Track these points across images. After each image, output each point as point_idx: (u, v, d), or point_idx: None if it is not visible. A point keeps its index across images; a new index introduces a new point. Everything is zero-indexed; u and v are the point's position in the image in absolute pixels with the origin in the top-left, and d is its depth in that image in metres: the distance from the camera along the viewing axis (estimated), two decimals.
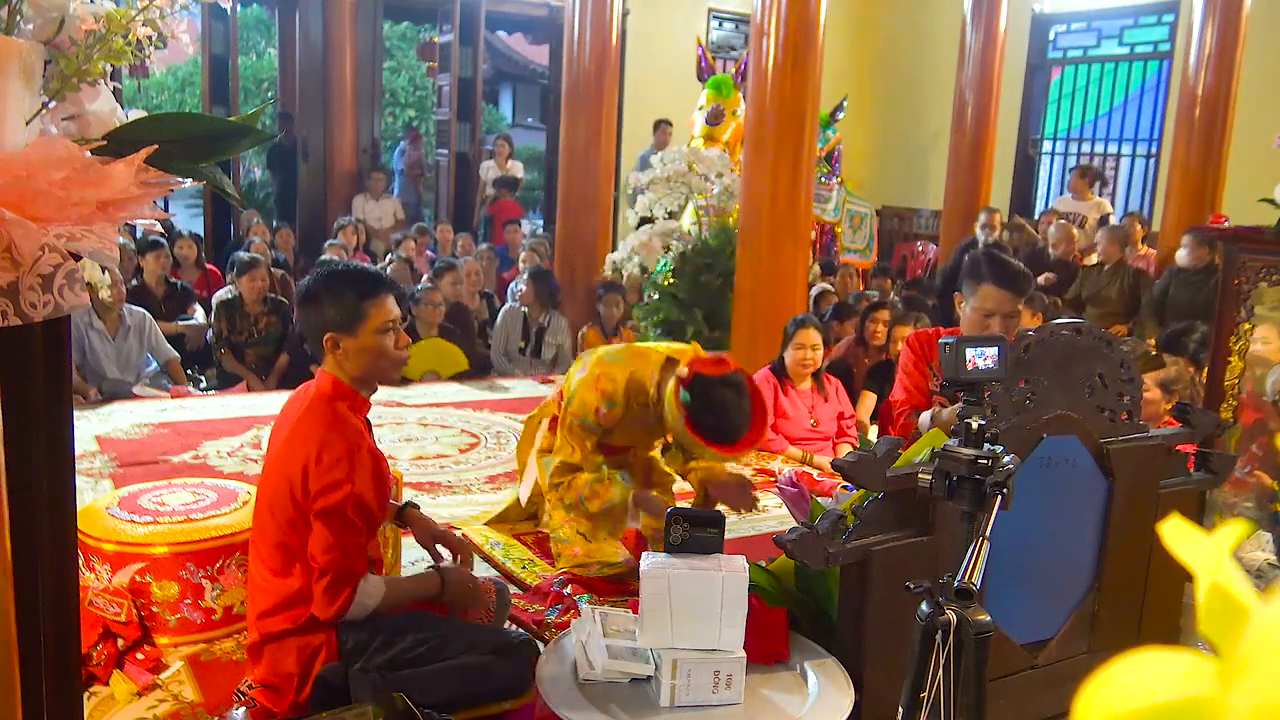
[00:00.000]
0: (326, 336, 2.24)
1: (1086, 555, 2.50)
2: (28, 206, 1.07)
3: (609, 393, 2.95)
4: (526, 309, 6.39)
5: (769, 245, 5.19)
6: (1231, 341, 3.26)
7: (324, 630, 2.26)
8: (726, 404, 2.72)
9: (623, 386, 2.95)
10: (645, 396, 2.95)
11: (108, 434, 4.65)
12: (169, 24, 1.27)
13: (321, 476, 2.15)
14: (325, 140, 9.62)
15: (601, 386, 2.95)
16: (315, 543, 2.17)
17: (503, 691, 2.36)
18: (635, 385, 2.95)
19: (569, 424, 3.01)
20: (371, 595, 2.22)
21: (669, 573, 2.04)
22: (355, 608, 2.20)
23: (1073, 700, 0.39)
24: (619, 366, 2.98)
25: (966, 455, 1.70)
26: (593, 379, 2.97)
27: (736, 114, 6.87)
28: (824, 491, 3.37)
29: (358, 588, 2.19)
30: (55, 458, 1.25)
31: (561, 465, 3.05)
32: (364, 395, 2.34)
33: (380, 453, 2.27)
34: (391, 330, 2.25)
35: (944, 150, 8.85)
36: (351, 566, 2.18)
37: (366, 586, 2.21)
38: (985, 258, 2.93)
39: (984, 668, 1.67)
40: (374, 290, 2.24)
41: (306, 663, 2.26)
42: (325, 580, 2.17)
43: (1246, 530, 0.85)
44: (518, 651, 2.36)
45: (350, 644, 2.28)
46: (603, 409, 2.95)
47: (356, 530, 2.17)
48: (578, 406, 2.98)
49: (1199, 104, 6.89)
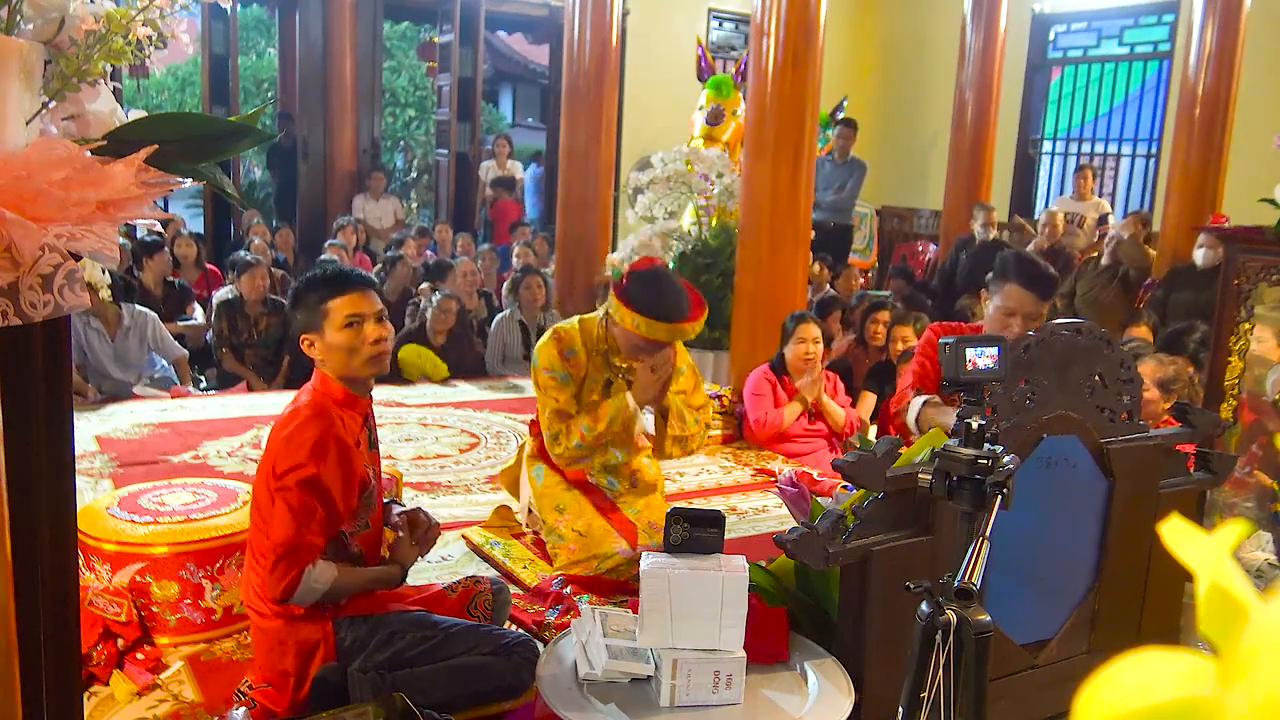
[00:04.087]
0: (302, 340, 2.31)
1: (1086, 555, 2.50)
2: (28, 206, 1.07)
3: (567, 341, 3.19)
4: (523, 317, 6.39)
5: (769, 245, 5.18)
6: (1231, 341, 3.26)
7: (320, 627, 2.26)
8: (657, 278, 3.02)
9: (578, 336, 3.20)
10: (597, 343, 3.19)
11: (108, 434, 4.64)
12: (169, 24, 1.27)
13: (286, 459, 2.19)
14: (325, 140, 9.62)
15: (558, 335, 3.20)
16: (273, 522, 2.20)
17: (501, 691, 2.36)
18: (587, 333, 3.21)
19: (542, 383, 3.18)
20: (320, 580, 2.20)
21: (669, 573, 2.04)
22: (302, 590, 2.19)
23: (1073, 700, 0.39)
24: (571, 325, 3.26)
25: (966, 455, 1.70)
26: (550, 338, 3.21)
27: (736, 114, 6.87)
28: (824, 491, 3.37)
29: (305, 571, 2.18)
30: (55, 458, 1.25)
31: (552, 415, 3.17)
32: (357, 393, 2.34)
33: (351, 447, 2.26)
34: (357, 323, 2.27)
35: (944, 150, 8.85)
36: (302, 548, 2.18)
37: (315, 572, 2.19)
38: (1014, 258, 3.00)
39: (984, 668, 1.66)
40: (335, 287, 2.27)
41: (304, 661, 2.27)
42: (273, 559, 2.18)
43: (1246, 530, 0.85)
44: (516, 651, 2.37)
45: (349, 641, 2.28)
46: (565, 354, 3.17)
47: (310, 512, 2.17)
48: (544, 360, 3.18)
49: (1199, 104, 6.89)
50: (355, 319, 2.27)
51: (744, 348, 5.32)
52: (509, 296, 6.63)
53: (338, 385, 2.30)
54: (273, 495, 2.20)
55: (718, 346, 5.75)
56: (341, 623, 2.30)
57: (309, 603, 2.23)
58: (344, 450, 2.23)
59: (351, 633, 2.29)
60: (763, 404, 4.76)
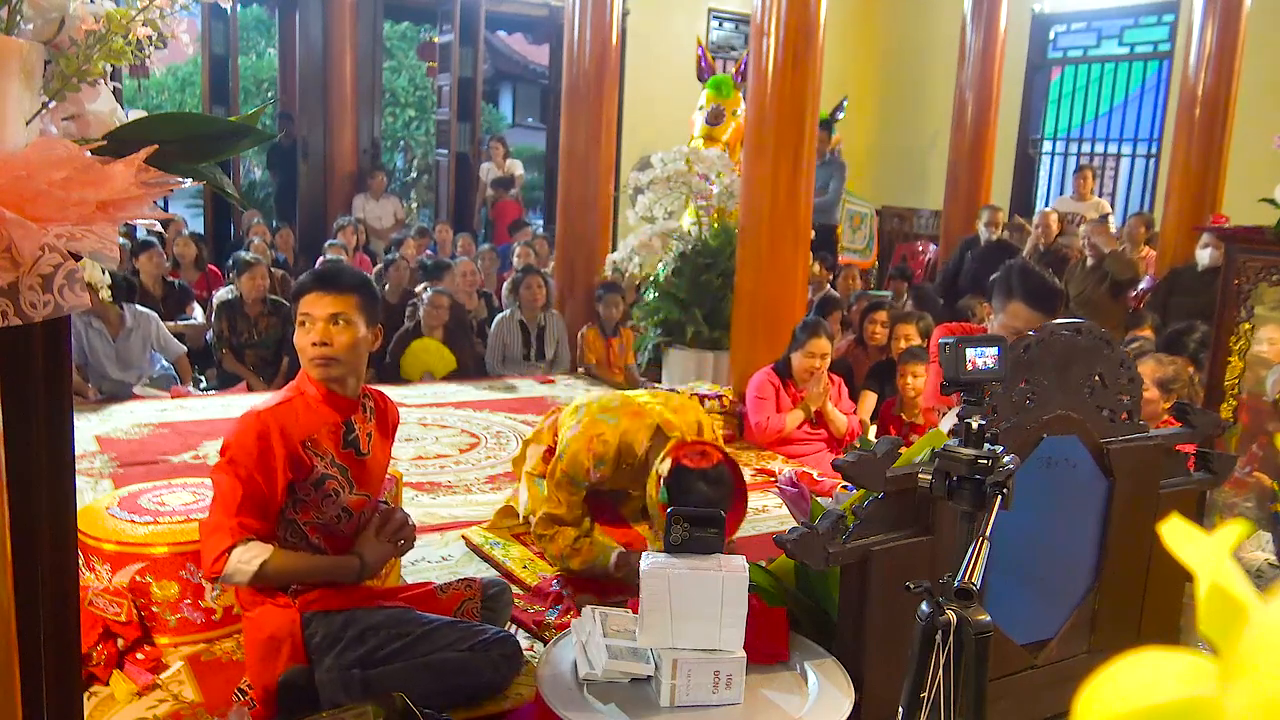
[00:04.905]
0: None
1: (1086, 555, 2.50)
2: (28, 206, 1.07)
3: (600, 454, 3.00)
4: (523, 317, 6.39)
5: (769, 245, 5.18)
6: (1231, 341, 3.26)
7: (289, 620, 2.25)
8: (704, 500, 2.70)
9: (614, 448, 3.00)
10: (634, 459, 3.01)
11: (108, 434, 4.64)
12: (169, 24, 1.27)
13: (224, 446, 2.24)
14: (325, 140, 9.62)
15: (594, 448, 3.00)
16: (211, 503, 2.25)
17: (481, 688, 2.33)
18: (626, 447, 3.00)
19: (559, 478, 3.05)
20: (246, 560, 2.18)
21: (669, 573, 2.04)
22: (230, 570, 2.18)
23: (1073, 700, 0.39)
24: (612, 429, 3.01)
25: (966, 455, 1.70)
26: (586, 438, 3.00)
27: (736, 114, 6.87)
28: (824, 491, 3.37)
29: (231, 550, 2.18)
30: (55, 458, 1.25)
31: (546, 517, 3.07)
32: (339, 393, 2.34)
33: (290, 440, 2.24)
34: (306, 322, 2.27)
35: (944, 150, 8.85)
36: (225, 527, 2.18)
37: (240, 551, 2.18)
38: (1018, 272, 2.88)
39: (984, 668, 1.67)
40: (304, 284, 2.30)
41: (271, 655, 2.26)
42: (204, 536, 2.23)
43: (1246, 530, 0.85)
44: (494, 648, 2.35)
45: (319, 637, 2.26)
46: (593, 470, 3.01)
47: (233, 492, 2.18)
48: (569, 464, 3.02)
49: (1199, 104, 6.89)
50: (305, 318, 2.28)
51: (744, 348, 5.32)
52: (509, 296, 6.64)
53: (316, 382, 2.31)
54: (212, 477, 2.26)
55: (718, 346, 5.75)
56: (311, 617, 2.27)
57: (242, 582, 2.22)
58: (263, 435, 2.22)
59: (322, 628, 2.27)
60: (765, 407, 4.76)
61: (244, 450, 2.21)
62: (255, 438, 2.21)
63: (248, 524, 2.20)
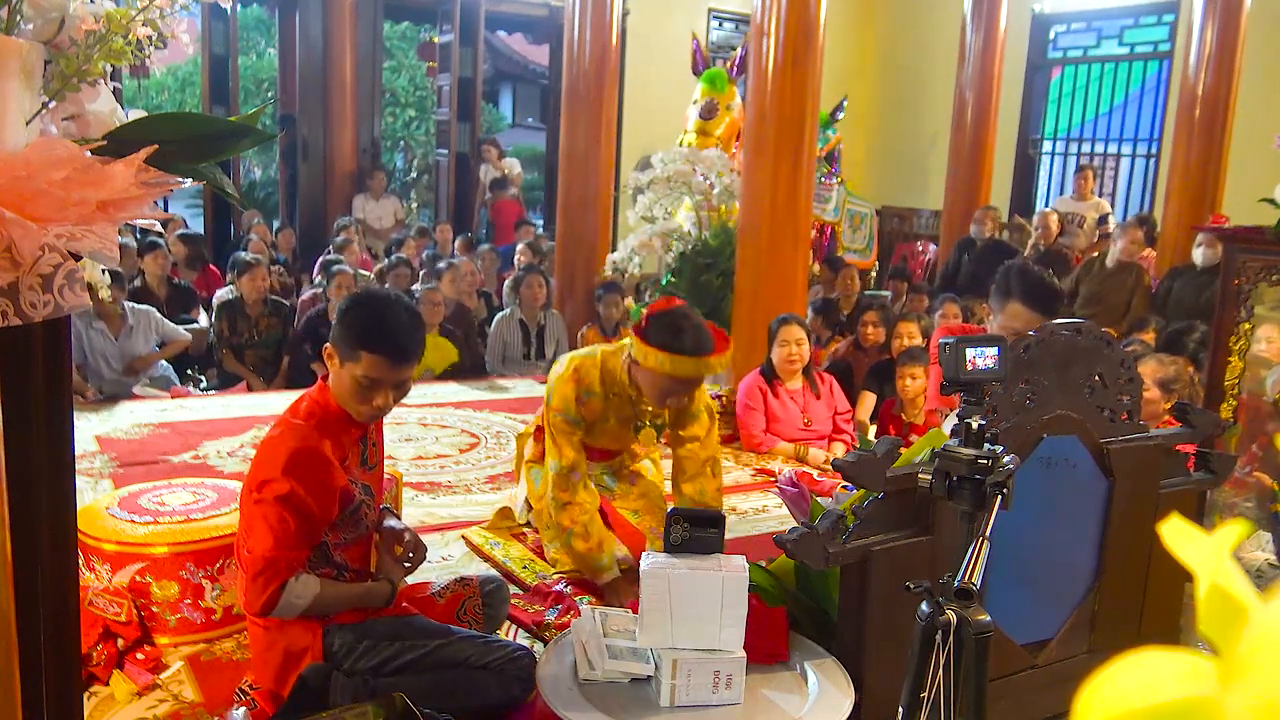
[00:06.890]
0: (327, 346, 2.27)
1: (1086, 555, 2.50)
2: (28, 206, 1.07)
3: (586, 382, 3.06)
4: (523, 316, 6.39)
5: (769, 245, 5.18)
6: (1231, 341, 3.26)
7: (310, 630, 2.26)
8: (677, 315, 2.92)
9: (598, 376, 3.07)
10: (620, 386, 3.05)
11: (108, 434, 4.64)
12: (169, 24, 1.27)
13: (262, 472, 2.19)
14: (325, 140, 9.62)
15: (577, 377, 3.06)
16: (252, 535, 2.19)
17: (491, 707, 2.32)
18: (609, 374, 3.07)
19: (553, 421, 3.07)
20: (301, 596, 2.20)
21: (669, 573, 2.04)
22: (283, 604, 2.19)
23: (1073, 700, 0.39)
24: (592, 360, 3.10)
25: (966, 455, 1.70)
26: (569, 374, 3.07)
27: (730, 108, 6.86)
28: (824, 491, 3.37)
29: (286, 585, 2.18)
30: (55, 458, 1.25)
31: (559, 475, 3.04)
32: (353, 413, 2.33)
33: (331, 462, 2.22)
34: (371, 385, 2.21)
35: (944, 150, 8.85)
36: (281, 562, 2.17)
37: (296, 586, 2.19)
38: (1018, 274, 2.88)
39: (984, 668, 1.67)
40: (376, 341, 2.19)
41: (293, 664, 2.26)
42: (254, 572, 2.19)
43: (1246, 530, 0.85)
44: (508, 669, 2.33)
45: (337, 647, 2.27)
46: (582, 397, 3.05)
47: (286, 527, 2.16)
48: (559, 401, 3.05)
49: (1199, 104, 6.89)
50: (372, 382, 2.21)
51: (744, 348, 5.31)
52: (510, 295, 6.63)
53: (336, 403, 2.30)
54: (252, 507, 2.21)
55: None
56: (332, 629, 2.29)
57: (291, 616, 2.23)
58: (321, 465, 2.20)
59: (340, 639, 2.28)
60: (754, 417, 4.77)
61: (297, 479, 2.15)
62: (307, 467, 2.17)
63: (299, 558, 2.20)
